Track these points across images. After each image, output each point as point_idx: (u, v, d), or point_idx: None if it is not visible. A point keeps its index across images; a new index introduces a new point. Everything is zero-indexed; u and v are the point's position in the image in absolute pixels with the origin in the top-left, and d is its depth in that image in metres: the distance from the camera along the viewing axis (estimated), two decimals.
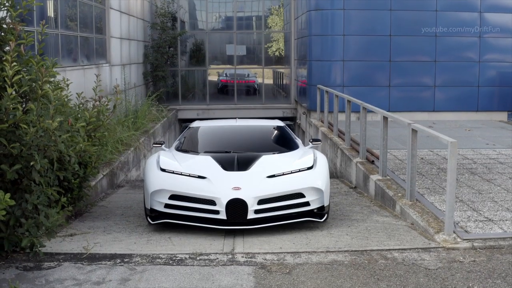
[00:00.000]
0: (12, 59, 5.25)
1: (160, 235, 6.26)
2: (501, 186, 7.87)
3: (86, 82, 11.18)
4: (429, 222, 6.35)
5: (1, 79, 5.28)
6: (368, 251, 5.66)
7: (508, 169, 9.03)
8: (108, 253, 5.57)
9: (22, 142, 5.06)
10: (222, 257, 5.51)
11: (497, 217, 6.45)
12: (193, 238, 6.11)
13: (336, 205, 7.97)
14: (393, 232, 6.34)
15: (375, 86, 15.20)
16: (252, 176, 6.35)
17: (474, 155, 10.24)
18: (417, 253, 5.61)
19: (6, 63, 5.15)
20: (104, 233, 6.39)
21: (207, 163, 6.65)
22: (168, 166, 6.56)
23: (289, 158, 6.89)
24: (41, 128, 5.09)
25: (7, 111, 5.11)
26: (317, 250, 5.69)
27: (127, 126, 11.61)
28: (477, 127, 13.82)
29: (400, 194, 7.52)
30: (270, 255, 5.56)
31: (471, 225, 6.17)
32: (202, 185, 6.23)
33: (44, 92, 5.52)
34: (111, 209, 7.70)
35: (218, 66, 20.41)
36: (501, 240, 5.79)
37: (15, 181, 5.32)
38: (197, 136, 7.69)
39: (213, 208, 6.12)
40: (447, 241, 5.80)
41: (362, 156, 9.95)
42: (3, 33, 5.62)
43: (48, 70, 5.64)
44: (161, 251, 5.65)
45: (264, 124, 7.99)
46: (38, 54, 5.99)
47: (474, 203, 7.05)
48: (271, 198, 6.22)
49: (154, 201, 6.35)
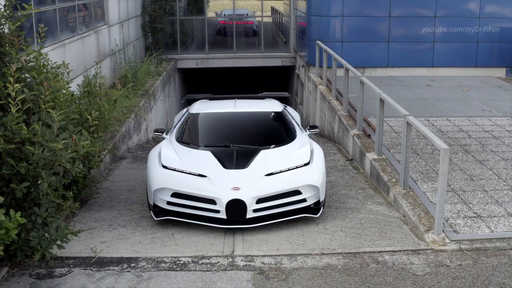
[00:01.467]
0: (14, 78, 5.34)
1: (164, 231, 6.58)
2: (492, 170, 8.11)
3: (85, 51, 11.17)
4: (420, 218, 6.64)
5: (4, 96, 5.40)
6: (361, 253, 5.99)
7: (501, 146, 9.23)
8: (115, 257, 5.90)
9: (29, 162, 5.25)
10: (223, 260, 5.85)
11: (486, 212, 6.74)
12: (195, 236, 6.42)
13: (333, 187, 8.25)
14: (385, 227, 6.65)
15: (374, 41, 15.10)
16: (250, 175, 6.58)
17: (469, 126, 10.41)
18: (406, 255, 5.94)
19: (9, 84, 5.24)
20: (109, 227, 6.70)
21: (207, 159, 6.85)
22: (170, 163, 6.77)
23: (287, 153, 7.08)
24: (47, 147, 5.26)
25: (12, 129, 5.28)
26: (312, 252, 6.01)
27: (126, 90, 11.68)
28: (474, 86, 13.88)
29: (394, 180, 7.78)
30: (268, 258, 5.89)
31: (460, 223, 6.47)
32: (203, 184, 6.48)
33: (47, 106, 5.64)
34: (115, 194, 7.98)
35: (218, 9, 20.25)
36: (487, 242, 6.10)
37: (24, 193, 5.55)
38: (197, 125, 7.83)
39: (213, 208, 6.40)
40: (436, 242, 6.11)
41: (359, 128, 10.13)
42: (3, 46, 5.67)
43: (50, 83, 5.74)
44: (165, 254, 5.98)
45: (262, 110, 8.09)
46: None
47: (465, 193, 7.32)
48: (269, 197, 6.48)
49: (157, 197, 6.62)
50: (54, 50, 9.28)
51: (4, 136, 5.22)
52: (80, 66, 10.79)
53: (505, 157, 8.70)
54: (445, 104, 12.10)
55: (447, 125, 10.46)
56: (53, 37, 9.52)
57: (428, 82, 14.47)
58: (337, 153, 10.60)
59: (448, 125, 10.46)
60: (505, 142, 9.43)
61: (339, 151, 10.73)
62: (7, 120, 5.27)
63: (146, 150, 11.07)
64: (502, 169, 8.19)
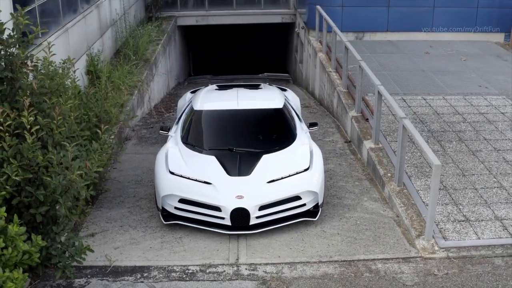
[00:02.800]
0: (28, 106, 5.60)
1: (172, 234, 7.03)
2: (484, 164, 8.48)
3: (88, 28, 11.23)
4: (412, 220, 7.08)
5: (18, 124, 5.68)
6: (355, 261, 6.47)
7: (495, 132, 9.55)
8: (129, 266, 6.37)
9: (47, 190, 5.60)
10: (228, 269, 6.33)
11: (475, 215, 7.17)
12: (202, 240, 6.88)
13: (331, 178, 8.64)
14: (379, 230, 7.10)
15: (374, 6, 15.03)
16: (253, 182, 6.95)
17: (465, 107, 10.68)
18: (398, 264, 6.42)
19: (23, 118, 5.50)
20: (121, 229, 7.14)
21: (211, 165, 7.19)
22: (177, 169, 7.12)
23: (287, 157, 7.40)
24: (63, 174, 5.59)
25: (29, 158, 5.60)
26: (311, 260, 6.49)
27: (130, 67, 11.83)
28: (473, 55, 13.99)
29: (389, 175, 8.17)
30: (269, 267, 6.37)
31: (449, 228, 6.92)
32: (208, 192, 6.86)
33: (60, 130, 5.93)
34: (123, 187, 8.36)
35: None
36: (473, 250, 6.57)
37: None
38: (201, 125, 8.10)
39: (218, 215, 6.82)
40: (426, 250, 6.58)
41: (357, 109, 10.39)
42: (14, 72, 5.88)
43: (61, 107, 5.99)
44: (174, 262, 6.45)
45: (263, 108, 8.30)
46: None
47: (457, 191, 7.73)
48: (271, 203, 6.89)
49: (165, 202, 7.02)
50: (58, 38, 9.38)
51: (21, 165, 5.54)
52: (83, 46, 10.90)
53: (497, 146, 9.04)
54: (443, 77, 12.29)
55: (443, 106, 10.73)
56: (56, 24, 9.60)
57: (427, 48, 14.56)
58: (335, 132, 10.91)
59: (444, 106, 10.73)
60: (499, 128, 9.74)
61: (337, 130, 11.04)
62: (23, 149, 5.58)
63: (150, 127, 11.38)
64: (493, 162, 8.55)
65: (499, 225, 6.94)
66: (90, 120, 7.29)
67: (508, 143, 9.17)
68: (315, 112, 12.71)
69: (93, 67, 11.05)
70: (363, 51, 14.55)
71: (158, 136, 10.76)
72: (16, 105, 5.85)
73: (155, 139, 10.62)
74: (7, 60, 5.92)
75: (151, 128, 11.31)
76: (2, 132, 5.53)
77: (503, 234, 6.77)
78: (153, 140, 10.56)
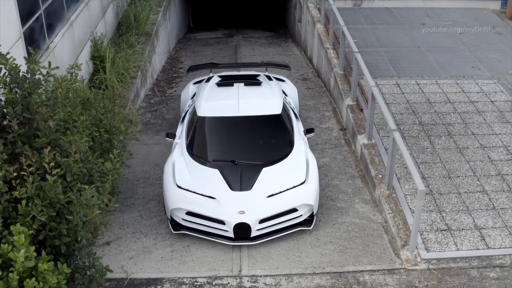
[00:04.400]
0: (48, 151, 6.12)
1: (180, 242, 7.74)
2: (470, 164, 9.07)
3: (90, 13, 11.42)
4: (398, 228, 7.78)
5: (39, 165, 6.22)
6: (345, 273, 7.22)
7: (483, 126, 10.07)
8: (144, 278, 7.12)
9: (69, 225, 6.23)
10: (232, 281, 7.09)
11: (456, 223, 7.85)
12: (208, 249, 7.61)
13: (326, 175, 9.26)
14: (368, 237, 7.81)
15: None
16: (254, 197, 7.57)
17: (456, 93, 11.12)
18: (383, 275, 7.18)
19: (44, 163, 6.03)
20: (134, 237, 7.85)
21: (215, 179, 7.76)
22: (183, 183, 7.72)
23: (285, 170, 7.94)
24: (83, 211, 6.21)
25: (51, 197, 6.18)
26: (306, 271, 7.24)
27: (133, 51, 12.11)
28: (469, 26, 14.22)
29: (380, 176, 8.78)
30: (269, 279, 7.13)
31: (432, 238, 7.63)
32: (213, 206, 7.51)
33: (79, 166, 6.47)
34: (132, 186, 8.98)
35: None
36: (451, 261, 7.31)
37: None
38: (205, 134, 8.58)
39: (222, 228, 7.50)
40: (409, 261, 7.32)
41: (352, 98, 10.84)
42: (32, 114, 6.34)
43: (77, 144, 6.51)
44: (184, 274, 7.20)
45: (263, 114, 8.73)
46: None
47: (442, 196, 8.38)
48: (270, 217, 7.56)
49: (174, 213, 7.69)
50: (64, 36, 9.67)
51: (44, 204, 6.14)
52: (87, 33, 11.15)
53: (483, 143, 9.60)
54: (437, 57, 12.63)
55: (436, 93, 11.17)
56: (61, 21, 9.84)
57: (424, 17, 14.76)
58: (332, 117, 11.39)
59: (437, 93, 11.17)
60: (487, 120, 10.26)
61: (334, 114, 11.51)
62: (45, 187, 6.15)
63: (154, 110, 11.83)
64: (479, 161, 9.14)
65: (477, 235, 7.65)
66: (101, 135, 7.77)
67: (494, 139, 9.72)
68: (312, 88, 13.09)
69: (97, 53, 11.36)
70: (361, 22, 14.79)
71: (162, 122, 11.27)
72: (35, 144, 6.37)
73: (160, 125, 11.12)
74: (24, 101, 6.37)
75: (155, 112, 11.77)
76: (26, 176, 6.08)
77: (480, 245, 7.49)
78: (157, 126, 11.07)
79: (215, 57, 15.81)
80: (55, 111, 6.58)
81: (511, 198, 8.33)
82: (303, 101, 12.08)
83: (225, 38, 18.94)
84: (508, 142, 9.61)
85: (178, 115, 11.42)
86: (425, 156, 9.28)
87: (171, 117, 11.47)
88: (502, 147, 9.49)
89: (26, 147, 6.27)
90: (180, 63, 15.56)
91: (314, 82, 13.50)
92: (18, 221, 6.06)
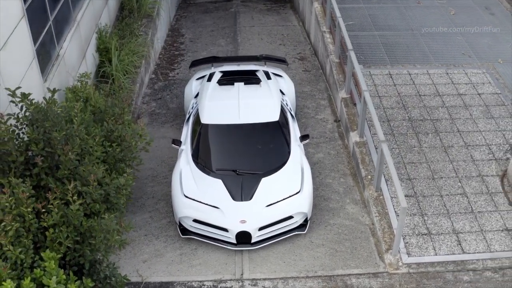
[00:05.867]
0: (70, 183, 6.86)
1: (188, 245, 8.62)
2: (453, 164, 9.82)
3: (95, 7, 11.77)
4: (384, 232, 8.64)
5: (63, 196, 6.98)
6: (335, 276, 8.15)
7: (468, 122, 10.73)
8: (157, 282, 8.05)
9: (92, 247, 7.07)
10: (235, 284, 8.03)
11: (436, 227, 8.71)
12: (213, 252, 8.50)
13: (320, 173, 10.03)
14: (356, 240, 8.69)
15: None
16: (254, 207, 8.38)
17: (445, 85, 11.70)
18: (368, 278, 8.11)
19: (70, 201, 6.78)
20: (146, 239, 8.72)
21: (218, 189, 8.54)
22: (190, 193, 8.50)
23: (282, 180, 8.68)
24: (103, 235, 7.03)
25: (75, 224, 6.99)
26: (300, 275, 8.16)
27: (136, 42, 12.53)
28: (462, 6, 14.52)
29: (369, 177, 9.56)
30: (267, 282, 8.07)
31: (413, 242, 8.50)
32: (217, 215, 8.33)
33: (97, 192, 7.23)
34: (142, 185, 9.76)
35: None
36: (429, 266, 8.22)
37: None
38: (208, 142, 9.23)
39: (226, 234, 8.36)
40: (392, 265, 8.23)
41: (346, 90, 11.43)
42: (53, 148, 7.03)
43: (95, 173, 7.23)
44: (193, 277, 8.12)
45: (263, 121, 9.36)
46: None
47: (425, 198, 9.19)
48: (269, 224, 8.40)
49: (182, 220, 8.53)
50: (72, 40, 10.13)
51: (69, 230, 6.95)
52: (93, 27, 11.55)
53: (468, 141, 10.31)
54: (429, 42, 13.10)
55: (426, 84, 11.75)
56: (68, 24, 10.26)
57: None
58: (327, 106, 12.01)
59: (427, 84, 11.75)
60: (473, 115, 10.92)
61: (329, 103, 12.12)
62: (69, 215, 6.94)
63: (158, 99, 12.42)
64: (462, 161, 9.89)
65: (454, 240, 8.53)
66: (113, 148, 8.43)
67: (478, 136, 10.42)
68: (309, 70, 13.59)
69: (103, 44, 11.82)
70: (357, 1, 15.06)
71: (166, 112, 11.90)
72: (58, 175, 7.10)
73: (164, 116, 11.76)
74: (45, 137, 7.03)
75: (160, 100, 12.35)
76: (52, 206, 6.84)
77: (456, 250, 8.38)
78: (162, 117, 11.71)
79: (215, 29, 16.14)
80: (73, 141, 7.25)
81: (488, 201, 9.15)
82: (300, 87, 12.66)
83: (224, 3, 19.11)
84: (491, 140, 10.33)
85: (181, 104, 12.03)
86: (412, 155, 10.02)
87: (175, 106, 12.08)
88: (484, 146, 10.21)
89: (50, 179, 7.02)
90: (181, 37, 15.93)
91: (311, 62, 13.98)
92: (47, 244, 6.91)
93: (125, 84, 11.33)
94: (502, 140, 10.32)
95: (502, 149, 10.13)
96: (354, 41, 13.21)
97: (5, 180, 6.65)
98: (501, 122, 10.74)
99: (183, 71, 13.57)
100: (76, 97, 9.32)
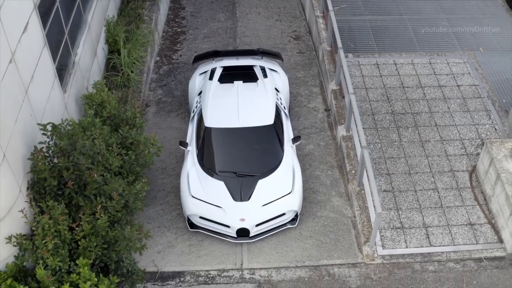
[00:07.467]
0: (96, 200, 8.16)
1: (196, 237, 10.05)
2: (428, 159, 11.07)
3: (103, 5, 12.54)
4: (363, 225, 10.04)
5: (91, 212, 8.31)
6: (320, 266, 9.63)
7: (446, 116, 11.87)
8: (170, 271, 9.53)
9: (117, 252, 8.48)
10: (236, 273, 9.53)
11: (409, 221, 10.09)
12: (217, 243, 9.94)
13: (310, 165, 11.31)
14: (340, 232, 10.11)
15: None
16: (252, 207, 9.73)
17: (428, 76, 12.73)
18: (348, 268, 9.60)
19: (99, 215, 8.10)
20: (159, 231, 10.13)
21: (221, 190, 9.86)
22: (197, 194, 9.82)
23: (275, 182, 9.94)
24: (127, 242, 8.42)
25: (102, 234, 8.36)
26: (290, 265, 9.64)
27: None
28: None
29: (353, 172, 10.84)
30: (263, 271, 9.56)
31: (388, 235, 9.93)
32: (220, 214, 9.71)
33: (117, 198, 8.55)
34: (152, 178, 11.04)
35: None
36: (400, 257, 9.67)
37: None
38: (212, 145, 10.41)
39: (227, 229, 9.78)
40: (368, 256, 9.69)
41: (336, 82, 12.47)
42: (81, 171, 8.27)
43: (118, 190, 8.52)
44: (200, 267, 9.59)
45: (260, 125, 10.49)
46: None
47: (401, 193, 10.52)
48: (264, 221, 9.81)
49: (190, 216, 9.93)
50: (85, 44, 11.05)
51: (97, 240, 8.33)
52: (101, 22, 12.38)
53: (443, 135, 11.50)
54: (416, 28, 13.99)
55: (410, 75, 12.78)
56: (81, 29, 11.13)
57: None
58: (318, 94, 13.07)
59: (411, 75, 12.78)
60: (451, 108, 12.04)
61: (320, 90, 13.15)
62: (97, 227, 8.30)
63: (163, 85, 13.43)
64: (436, 156, 11.14)
65: (423, 233, 9.95)
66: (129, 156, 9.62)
67: (453, 131, 11.61)
68: (303, 52, 14.49)
69: (111, 37, 12.70)
70: None
71: (172, 100, 12.98)
72: (86, 193, 8.39)
73: (170, 104, 12.85)
74: (74, 162, 8.25)
75: (165, 87, 13.37)
76: (82, 221, 8.18)
77: (424, 243, 9.82)
78: (168, 106, 12.80)
79: (214, 0, 16.77)
80: (97, 166, 8.47)
81: (456, 196, 10.50)
82: (294, 72, 13.66)
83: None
84: (464, 135, 11.53)
85: (185, 91, 13.07)
86: (392, 150, 11.26)
87: (179, 93, 13.13)
88: (458, 140, 11.43)
89: (79, 198, 8.32)
90: (182, 10, 16.62)
91: (305, 43, 14.83)
92: (79, 252, 8.32)
93: (133, 76, 12.34)
94: (475, 135, 11.52)
95: (474, 144, 11.36)
96: (346, 26, 14.09)
97: (44, 204, 7.95)
98: (475, 116, 11.89)
99: (186, 53, 14.46)
100: (92, 102, 10.38)
